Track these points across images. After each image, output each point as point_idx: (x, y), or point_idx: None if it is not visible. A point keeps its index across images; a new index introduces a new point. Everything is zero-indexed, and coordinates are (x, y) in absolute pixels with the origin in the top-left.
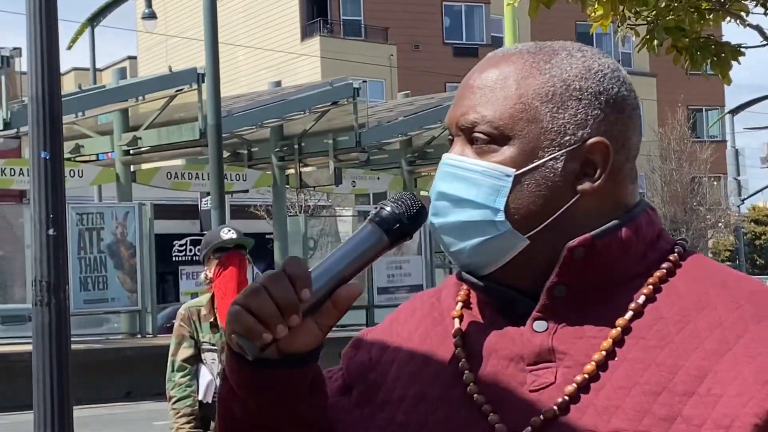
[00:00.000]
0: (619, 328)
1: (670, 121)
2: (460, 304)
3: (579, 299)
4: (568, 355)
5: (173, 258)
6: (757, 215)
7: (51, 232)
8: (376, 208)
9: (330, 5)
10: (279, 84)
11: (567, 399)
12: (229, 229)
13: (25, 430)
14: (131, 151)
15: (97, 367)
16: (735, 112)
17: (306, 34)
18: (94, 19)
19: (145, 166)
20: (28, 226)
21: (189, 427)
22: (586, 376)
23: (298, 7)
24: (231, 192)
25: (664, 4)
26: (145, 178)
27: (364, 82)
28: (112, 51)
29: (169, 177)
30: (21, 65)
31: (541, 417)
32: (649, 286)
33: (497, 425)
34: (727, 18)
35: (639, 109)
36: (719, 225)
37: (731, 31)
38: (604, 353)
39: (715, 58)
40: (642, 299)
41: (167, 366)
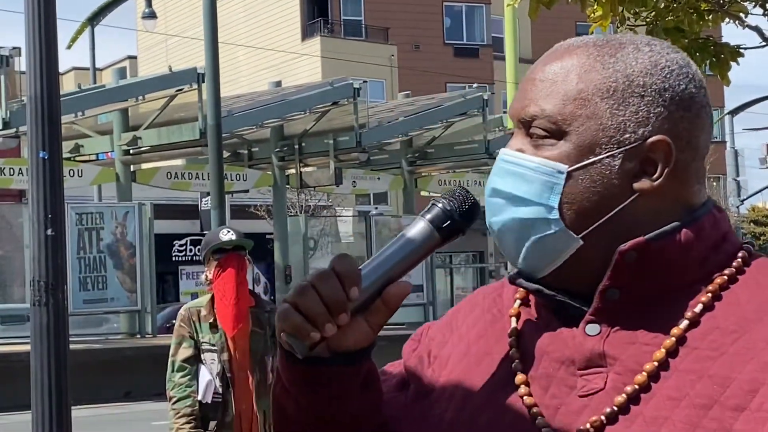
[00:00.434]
0: (674, 338)
1: None
2: (518, 302)
3: (633, 303)
4: (618, 361)
5: (173, 258)
6: (757, 216)
7: (49, 232)
8: (429, 204)
9: (330, 5)
10: (279, 84)
11: (615, 409)
12: (229, 230)
13: (25, 430)
14: (131, 151)
15: (97, 367)
16: (734, 112)
17: (306, 34)
18: (94, 19)
19: (145, 165)
20: (27, 225)
21: (189, 428)
22: (636, 386)
23: (298, 7)
24: (231, 192)
25: (663, 4)
26: (145, 177)
27: (364, 82)
28: (112, 50)
29: (169, 177)
30: (20, 65)
31: (588, 426)
32: (708, 294)
33: (543, 429)
34: (726, 19)
35: (709, 108)
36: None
37: (730, 32)
38: (656, 364)
39: (714, 59)
40: (699, 308)
41: (167, 366)
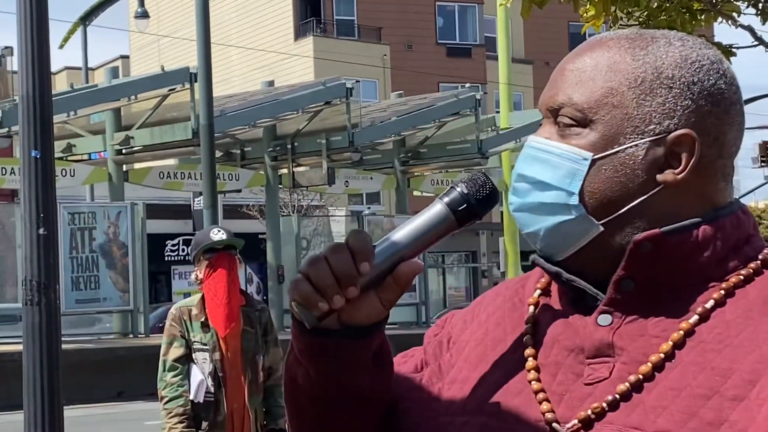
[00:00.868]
0: (682, 331)
1: None
2: (538, 291)
3: (647, 296)
4: (626, 352)
5: (165, 258)
6: None
7: (41, 231)
8: (449, 186)
9: (323, 5)
10: (272, 84)
11: (618, 397)
12: (219, 230)
13: (17, 430)
14: (123, 151)
15: (89, 367)
16: None
17: (299, 33)
18: (86, 18)
19: (138, 165)
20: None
21: (181, 427)
22: (640, 376)
23: (291, 7)
24: (224, 192)
25: (656, 4)
26: (138, 177)
27: (357, 81)
28: (104, 50)
29: (162, 177)
30: (12, 64)
31: (590, 412)
32: (721, 291)
33: (547, 414)
34: (719, 18)
35: (740, 105)
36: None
37: (723, 32)
38: (662, 356)
39: None
40: (710, 304)
41: (159, 366)
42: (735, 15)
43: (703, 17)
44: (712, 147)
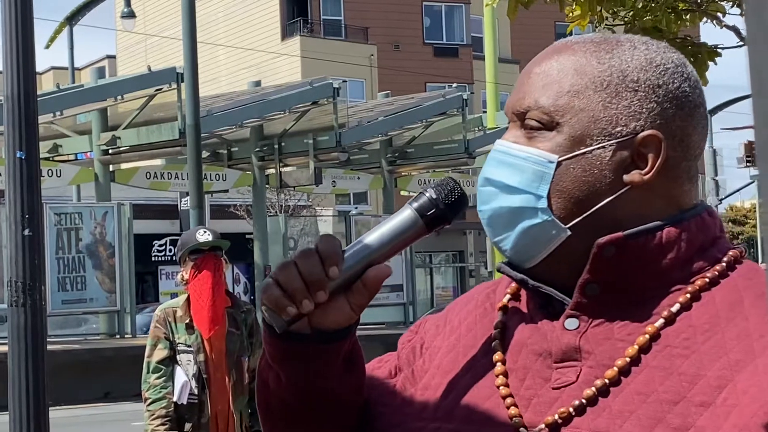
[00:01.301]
0: (647, 335)
1: None
2: (508, 296)
3: (612, 299)
4: (592, 356)
5: (152, 258)
6: (735, 215)
7: (26, 232)
8: (418, 192)
9: (310, 5)
10: (259, 84)
11: (584, 402)
12: (205, 231)
13: (3, 431)
14: (110, 151)
15: (76, 368)
16: (712, 112)
17: (286, 33)
18: (72, 18)
19: (124, 165)
20: (4, 226)
21: (164, 429)
22: (606, 380)
23: (278, 7)
24: (211, 192)
25: (641, 4)
26: (124, 177)
27: (344, 81)
28: (91, 50)
29: (149, 177)
30: None
31: (557, 417)
32: (687, 294)
33: (514, 419)
34: (704, 18)
35: (704, 108)
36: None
37: (708, 32)
38: (628, 359)
39: (692, 58)
40: (676, 308)
41: (143, 367)
42: (720, 15)
43: (689, 17)
44: (677, 149)
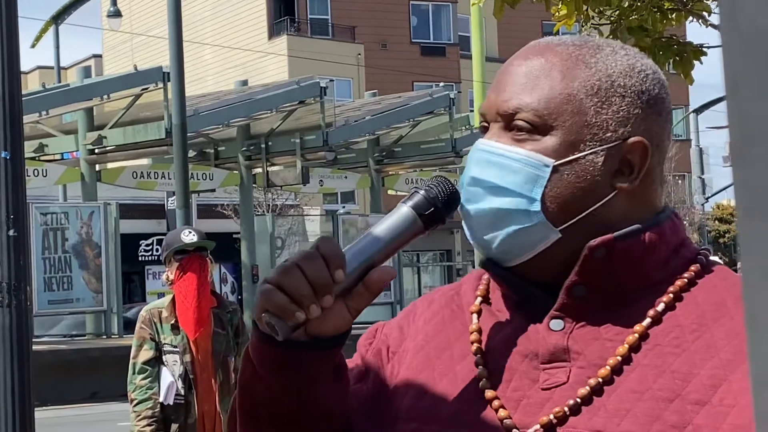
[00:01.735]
0: (636, 334)
1: None
2: (479, 299)
3: (598, 300)
4: (582, 356)
5: (139, 258)
6: (722, 213)
7: (11, 233)
8: (411, 191)
9: (297, 4)
10: (246, 83)
11: (579, 401)
12: (190, 231)
13: None
14: (96, 151)
15: (62, 368)
16: (699, 111)
17: (273, 32)
18: (58, 17)
19: (111, 165)
20: None
21: (150, 430)
22: (600, 380)
23: (265, 6)
24: (198, 191)
25: (627, 3)
26: (111, 177)
27: (331, 81)
28: (77, 49)
29: (135, 176)
30: None
31: (552, 417)
32: (670, 294)
33: (506, 421)
34: (690, 18)
35: (671, 113)
36: (684, 223)
37: (694, 31)
38: (619, 358)
39: (678, 57)
40: (661, 307)
41: (129, 368)
42: (706, 14)
43: (674, 16)
44: (655, 154)
